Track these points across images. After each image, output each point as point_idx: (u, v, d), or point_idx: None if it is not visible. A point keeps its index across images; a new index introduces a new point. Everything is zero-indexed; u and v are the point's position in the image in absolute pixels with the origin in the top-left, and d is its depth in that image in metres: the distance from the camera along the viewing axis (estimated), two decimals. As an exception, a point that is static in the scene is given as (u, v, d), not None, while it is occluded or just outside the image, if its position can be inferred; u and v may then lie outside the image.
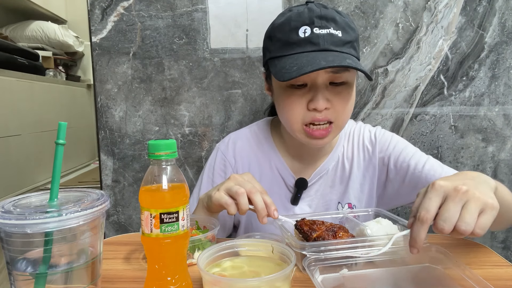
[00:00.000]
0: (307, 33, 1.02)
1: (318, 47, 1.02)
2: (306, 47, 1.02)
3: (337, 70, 1.03)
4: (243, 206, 0.93)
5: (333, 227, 0.91)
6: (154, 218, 0.71)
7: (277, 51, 1.08)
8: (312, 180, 1.26)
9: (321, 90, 1.04)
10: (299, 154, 1.26)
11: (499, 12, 1.61)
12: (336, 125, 1.10)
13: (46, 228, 0.63)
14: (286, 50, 1.05)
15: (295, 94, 1.06)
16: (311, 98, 1.05)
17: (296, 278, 0.86)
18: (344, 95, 1.07)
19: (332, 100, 1.05)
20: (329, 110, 1.06)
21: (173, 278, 0.75)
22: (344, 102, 1.08)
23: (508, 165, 1.69)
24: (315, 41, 1.02)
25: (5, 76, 3.20)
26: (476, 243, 1.07)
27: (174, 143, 0.73)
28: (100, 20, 1.63)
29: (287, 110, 1.09)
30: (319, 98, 1.03)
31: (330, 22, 1.03)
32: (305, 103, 1.06)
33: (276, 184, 1.27)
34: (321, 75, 1.03)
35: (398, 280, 0.83)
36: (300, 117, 1.08)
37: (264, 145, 1.29)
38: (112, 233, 1.75)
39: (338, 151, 1.28)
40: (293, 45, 1.04)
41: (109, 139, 1.70)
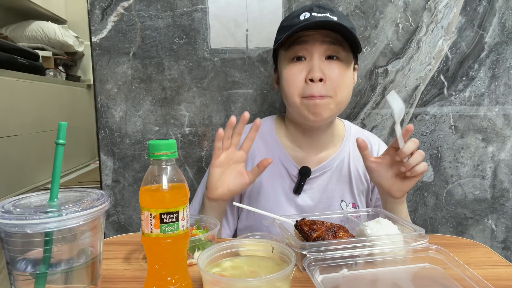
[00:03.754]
0: (306, 16, 1.16)
1: (315, 25, 1.14)
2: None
3: (331, 41, 1.15)
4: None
5: (333, 227, 0.92)
6: (154, 218, 0.71)
7: (281, 35, 1.19)
8: (316, 172, 1.31)
9: (317, 61, 1.15)
10: (302, 145, 1.33)
11: (499, 12, 1.61)
12: (333, 99, 1.17)
13: (46, 228, 0.63)
14: (289, 30, 1.15)
15: (295, 68, 1.18)
16: (309, 70, 1.16)
17: (296, 278, 0.86)
18: (339, 70, 1.17)
19: (327, 73, 1.15)
20: (325, 84, 1.15)
21: (173, 278, 0.75)
22: (339, 77, 1.17)
23: (508, 165, 1.69)
24: (313, 20, 1.13)
25: (5, 76, 3.20)
26: (476, 243, 1.07)
27: (174, 143, 0.73)
28: (100, 20, 1.63)
29: (288, 84, 1.20)
30: (315, 68, 1.14)
31: (327, 10, 1.17)
32: (304, 76, 1.17)
33: (279, 175, 1.32)
34: (317, 47, 1.15)
35: (398, 280, 0.83)
36: (299, 89, 1.18)
37: (268, 139, 1.36)
38: (112, 233, 1.75)
39: (344, 151, 1.35)
40: (294, 26, 1.14)
41: (109, 139, 1.69)
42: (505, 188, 1.70)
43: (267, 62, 1.64)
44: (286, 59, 1.21)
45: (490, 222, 1.73)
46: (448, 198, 1.71)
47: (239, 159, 1.15)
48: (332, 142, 1.35)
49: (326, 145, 1.34)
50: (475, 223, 1.73)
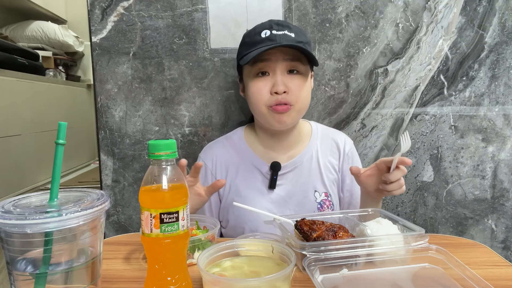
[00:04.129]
0: (267, 34, 1.27)
1: (275, 42, 1.24)
2: (266, 43, 1.26)
3: (291, 59, 1.27)
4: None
5: (333, 227, 0.92)
6: (154, 218, 0.71)
7: (245, 51, 1.31)
8: (288, 167, 1.42)
9: (279, 76, 1.27)
10: (271, 145, 1.44)
11: (499, 12, 1.61)
12: (295, 108, 1.29)
13: (46, 228, 0.63)
14: (251, 48, 1.28)
15: (260, 82, 1.29)
16: (272, 84, 1.27)
17: (296, 278, 0.86)
18: (299, 83, 1.29)
19: (289, 85, 1.27)
20: (288, 94, 1.27)
21: (173, 278, 0.75)
22: (300, 88, 1.29)
23: (508, 165, 1.69)
24: (273, 38, 1.26)
25: (5, 76, 3.19)
26: (476, 243, 1.07)
27: (174, 143, 0.73)
28: (100, 20, 1.63)
29: (255, 96, 1.31)
30: (278, 82, 1.26)
31: (285, 27, 1.29)
32: (268, 88, 1.28)
33: (252, 175, 1.43)
34: (279, 64, 1.27)
35: (398, 280, 0.83)
36: (265, 100, 1.29)
37: (238, 146, 1.47)
38: (112, 233, 1.75)
39: (312, 147, 1.46)
40: (257, 43, 1.28)
41: (109, 139, 1.69)
42: (505, 188, 1.70)
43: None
44: (251, 74, 1.31)
45: (490, 222, 1.73)
46: (448, 198, 1.71)
47: (192, 184, 1.22)
48: (300, 140, 1.46)
49: (294, 144, 1.45)
50: (475, 223, 1.73)
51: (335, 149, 1.48)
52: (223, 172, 1.44)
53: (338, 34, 1.64)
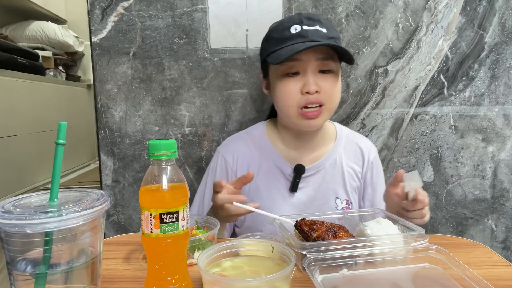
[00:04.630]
0: (298, 29, 1.21)
1: (307, 39, 1.18)
2: (297, 39, 1.20)
3: (324, 57, 1.20)
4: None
5: (333, 227, 0.92)
6: (154, 218, 0.71)
7: (273, 47, 1.24)
8: (310, 171, 1.36)
9: (311, 76, 1.21)
10: (295, 146, 1.38)
11: (499, 12, 1.61)
12: (326, 107, 1.24)
13: (46, 228, 0.63)
14: (281, 44, 1.22)
15: (290, 82, 1.23)
16: (304, 83, 1.21)
17: (296, 278, 0.86)
18: (331, 81, 1.23)
19: (321, 85, 1.21)
20: (319, 94, 1.21)
21: (173, 278, 0.75)
22: (332, 87, 1.23)
23: (508, 165, 1.69)
24: (304, 35, 1.19)
25: (5, 76, 3.19)
26: (476, 243, 1.07)
27: (174, 143, 0.73)
28: (100, 20, 1.63)
29: (284, 97, 1.24)
30: (310, 82, 1.19)
31: (316, 22, 1.22)
32: (299, 88, 1.21)
33: (273, 176, 1.37)
34: (311, 64, 1.20)
35: (398, 280, 0.83)
36: (295, 101, 1.22)
37: (260, 143, 1.40)
38: (112, 233, 1.75)
39: (336, 152, 1.40)
40: (286, 39, 1.21)
41: (109, 139, 1.69)
42: (505, 188, 1.70)
43: (267, 62, 1.64)
44: (279, 73, 1.25)
45: (490, 222, 1.73)
46: (448, 198, 1.71)
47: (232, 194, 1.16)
48: (324, 142, 1.40)
49: (318, 146, 1.39)
50: (475, 223, 1.73)
51: (359, 155, 1.42)
52: (244, 170, 1.38)
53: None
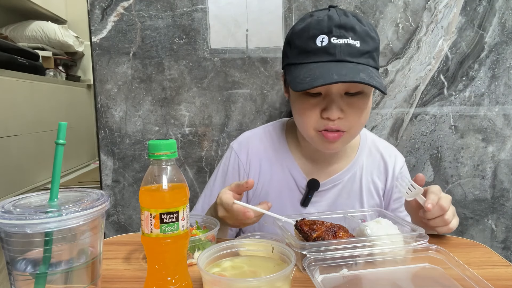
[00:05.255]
0: (325, 42, 1.02)
1: (334, 58, 1.01)
2: (322, 56, 1.02)
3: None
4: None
5: (333, 227, 0.92)
6: (154, 218, 0.71)
7: (294, 58, 1.08)
8: (325, 186, 1.25)
9: (335, 100, 1.05)
10: (313, 157, 1.27)
11: (499, 12, 1.61)
12: (349, 133, 1.11)
13: (46, 228, 0.63)
14: (303, 58, 1.05)
15: (310, 102, 1.08)
16: (325, 106, 1.06)
17: (296, 278, 0.86)
18: (359, 105, 1.08)
19: (346, 110, 1.06)
20: (342, 120, 1.06)
21: (173, 278, 0.75)
22: (359, 113, 1.08)
23: (508, 165, 1.69)
24: (332, 51, 1.01)
25: (5, 76, 3.19)
26: (476, 243, 1.07)
27: (174, 143, 0.73)
28: (100, 20, 1.63)
29: (301, 117, 1.11)
30: (333, 108, 1.04)
31: (349, 32, 1.02)
32: (318, 111, 1.07)
33: (286, 185, 1.27)
34: (336, 86, 1.04)
35: (398, 280, 0.83)
36: (313, 124, 1.09)
37: (277, 146, 1.30)
38: (112, 233, 1.75)
39: (357, 163, 1.28)
40: (310, 53, 1.04)
41: (109, 139, 1.70)
42: (505, 188, 1.70)
43: (267, 62, 1.64)
44: None
45: (490, 222, 1.73)
46: (448, 198, 1.71)
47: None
48: (345, 154, 1.28)
49: (338, 158, 1.27)
50: (475, 223, 1.73)
51: (382, 168, 1.30)
52: (256, 172, 1.29)
53: (338, 34, 1.64)
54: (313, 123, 1.09)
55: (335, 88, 1.05)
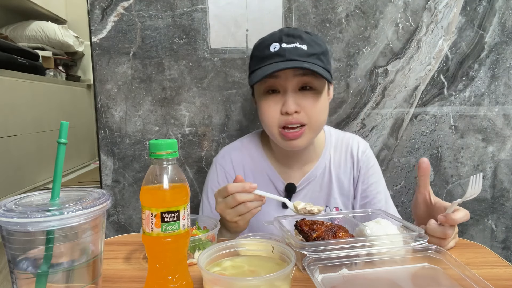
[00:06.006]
0: (276, 48, 1.17)
1: (284, 58, 1.15)
2: (275, 59, 1.17)
3: (303, 74, 1.17)
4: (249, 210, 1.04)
5: (333, 227, 0.92)
6: (155, 217, 0.71)
7: (254, 66, 1.23)
8: (302, 185, 1.35)
9: (290, 94, 1.18)
10: (287, 161, 1.36)
11: (499, 12, 1.61)
12: (310, 127, 1.21)
13: (47, 227, 0.63)
14: (260, 63, 1.20)
15: (270, 100, 1.21)
16: (283, 103, 1.18)
17: (296, 278, 0.86)
18: (313, 99, 1.19)
19: (301, 104, 1.18)
20: (299, 114, 1.18)
21: (174, 277, 0.75)
22: (313, 106, 1.19)
23: (508, 165, 1.69)
24: (282, 54, 1.16)
25: (5, 76, 3.20)
26: (475, 243, 1.07)
27: (175, 143, 0.73)
28: (100, 20, 1.63)
29: (265, 116, 1.22)
30: (289, 102, 1.17)
31: (297, 38, 1.18)
32: (279, 108, 1.19)
33: (267, 190, 1.26)
34: (290, 81, 1.17)
35: (398, 280, 0.83)
36: (275, 121, 1.20)
37: (255, 155, 1.40)
38: (112, 233, 1.75)
39: (325, 158, 1.38)
40: (265, 59, 1.19)
41: (109, 139, 1.70)
42: (505, 188, 1.71)
43: (267, 62, 1.64)
44: (261, 91, 1.23)
45: (490, 222, 1.73)
46: (448, 198, 1.71)
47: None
48: (314, 153, 1.37)
49: (309, 158, 1.37)
50: (475, 223, 1.73)
51: (349, 157, 1.39)
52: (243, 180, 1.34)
53: (338, 34, 1.64)
54: (275, 120, 1.20)
55: (290, 84, 1.17)
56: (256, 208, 1.04)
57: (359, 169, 1.38)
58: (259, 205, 1.04)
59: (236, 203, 1.02)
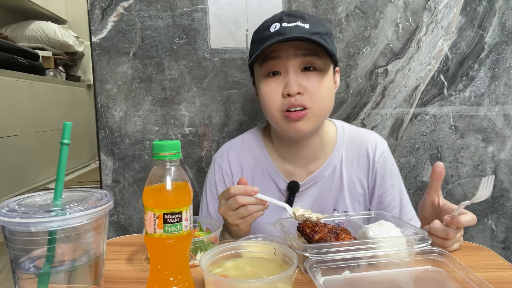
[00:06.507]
0: (277, 27, 1.11)
1: (285, 36, 1.07)
2: (275, 38, 1.09)
3: (305, 53, 1.10)
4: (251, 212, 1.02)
5: (336, 229, 0.92)
6: (157, 218, 0.71)
7: (253, 49, 1.16)
8: (306, 184, 1.27)
9: (292, 75, 1.11)
10: (290, 157, 1.28)
11: (499, 12, 1.61)
12: (312, 111, 1.13)
13: (50, 227, 0.63)
14: (260, 44, 1.12)
15: (272, 83, 1.14)
16: (285, 84, 1.11)
17: (298, 280, 0.86)
18: (316, 81, 1.12)
19: (304, 85, 1.11)
20: (302, 96, 1.11)
21: (176, 278, 0.75)
22: (317, 88, 1.12)
23: (508, 165, 1.69)
24: (283, 32, 1.09)
25: (5, 76, 3.20)
26: (479, 246, 1.07)
27: (178, 144, 0.73)
28: (100, 20, 1.63)
29: (266, 99, 1.16)
30: (291, 83, 1.10)
31: (298, 18, 1.11)
32: (281, 90, 1.12)
33: (268, 189, 1.29)
34: (291, 61, 1.11)
35: (401, 283, 0.83)
36: (277, 105, 1.13)
37: (257, 152, 1.33)
38: (112, 233, 1.75)
39: (336, 157, 1.29)
40: (265, 39, 1.11)
41: (109, 139, 1.69)
42: (505, 188, 1.71)
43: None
44: (261, 74, 1.17)
45: (490, 222, 1.73)
46: (448, 198, 1.71)
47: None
48: (322, 150, 1.29)
49: (316, 155, 1.28)
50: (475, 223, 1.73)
51: (363, 157, 1.29)
52: (238, 174, 1.32)
53: (338, 34, 1.64)
54: (277, 104, 1.13)
55: (292, 65, 1.11)
56: (258, 212, 1.02)
57: (375, 173, 1.29)
58: (260, 209, 1.02)
59: (237, 205, 1.00)
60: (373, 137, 1.32)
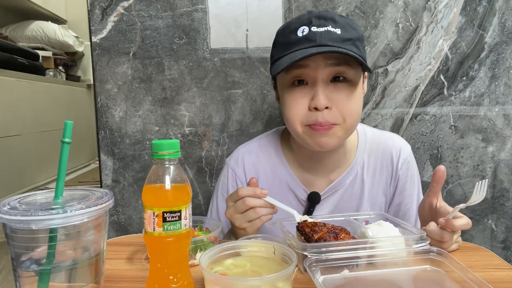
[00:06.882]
0: (305, 32, 1.01)
1: (315, 43, 1.00)
2: (304, 44, 1.01)
3: (336, 63, 1.01)
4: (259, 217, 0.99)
5: (335, 229, 0.92)
6: (157, 216, 0.71)
7: (278, 53, 1.07)
8: (327, 193, 1.21)
9: (321, 87, 1.01)
10: (310, 166, 1.22)
11: (499, 12, 1.62)
12: (342, 127, 1.05)
13: (51, 225, 0.64)
14: (286, 50, 1.04)
15: (297, 93, 1.05)
16: (312, 96, 1.02)
17: (297, 279, 0.86)
18: (347, 93, 1.03)
19: (333, 98, 1.02)
20: (331, 110, 1.02)
21: (175, 277, 0.75)
22: (347, 100, 1.03)
23: (508, 165, 1.69)
24: (312, 38, 1.00)
25: (5, 76, 3.20)
26: (478, 246, 1.07)
27: (177, 143, 0.73)
28: (100, 20, 1.63)
29: (289, 111, 1.06)
30: (319, 95, 1.00)
31: (329, 21, 1.02)
32: (306, 102, 1.03)
33: (285, 199, 1.22)
34: (321, 71, 1.01)
35: (400, 282, 0.83)
36: (301, 118, 1.05)
37: (274, 159, 1.25)
38: (112, 233, 1.75)
39: (357, 164, 1.22)
40: (292, 44, 1.03)
41: (109, 139, 1.70)
42: (505, 188, 1.71)
43: (267, 62, 1.65)
44: (285, 81, 1.07)
45: (490, 222, 1.73)
46: (448, 198, 1.71)
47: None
48: (344, 157, 1.22)
49: (338, 163, 1.21)
50: (475, 223, 1.73)
51: (387, 163, 1.23)
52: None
53: (339, 34, 1.64)
54: (301, 116, 1.04)
55: (321, 75, 1.01)
56: (266, 216, 0.98)
57: (397, 180, 1.23)
58: (269, 212, 0.98)
59: (246, 207, 0.97)
60: (398, 142, 1.26)
